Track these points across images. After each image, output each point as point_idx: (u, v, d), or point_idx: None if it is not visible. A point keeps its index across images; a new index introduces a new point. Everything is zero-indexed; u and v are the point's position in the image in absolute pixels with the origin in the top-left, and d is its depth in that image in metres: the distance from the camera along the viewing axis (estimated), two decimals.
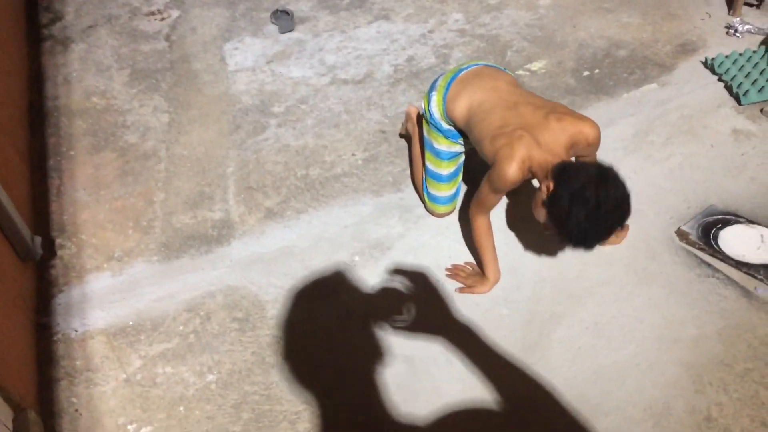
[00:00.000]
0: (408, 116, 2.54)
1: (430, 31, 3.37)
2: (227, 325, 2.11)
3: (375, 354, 2.00)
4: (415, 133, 2.46)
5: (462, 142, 2.23)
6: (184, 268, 2.30)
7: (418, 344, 2.01)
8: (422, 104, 2.26)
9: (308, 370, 1.98)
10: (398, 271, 2.24)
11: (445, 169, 2.29)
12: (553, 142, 1.88)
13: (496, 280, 2.15)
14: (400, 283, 2.20)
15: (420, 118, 2.37)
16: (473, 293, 2.14)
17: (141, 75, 3.15)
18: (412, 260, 2.27)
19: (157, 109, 2.96)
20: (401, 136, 2.75)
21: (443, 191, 2.34)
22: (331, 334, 2.06)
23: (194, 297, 2.20)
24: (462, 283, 2.17)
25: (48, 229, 2.43)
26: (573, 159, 1.98)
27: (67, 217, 2.48)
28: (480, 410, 1.85)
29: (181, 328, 2.11)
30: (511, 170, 1.86)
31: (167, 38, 3.40)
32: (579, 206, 1.72)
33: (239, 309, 2.15)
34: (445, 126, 2.19)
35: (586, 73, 3.02)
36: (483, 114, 2.01)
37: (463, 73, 2.17)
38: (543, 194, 1.84)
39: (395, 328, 2.05)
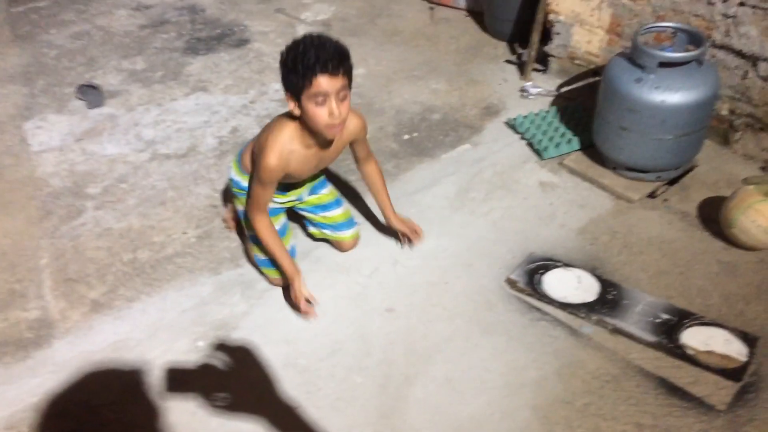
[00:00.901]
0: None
1: (252, 102, 3.37)
2: None
3: None
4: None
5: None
6: None
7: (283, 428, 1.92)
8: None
9: None
10: (247, 354, 2.14)
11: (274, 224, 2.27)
12: None
13: (296, 273, 2.16)
14: (251, 367, 2.10)
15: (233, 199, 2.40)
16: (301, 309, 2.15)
17: None
18: (260, 338, 2.18)
19: None
20: (226, 221, 2.66)
21: None
22: None
23: (13, 413, 1.91)
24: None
25: None
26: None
27: None
28: None
29: None
30: (270, 160, 1.97)
31: None
32: (299, 45, 1.84)
33: (70, 419, 1.91)
34: (245, 182, 2.23)
35: (406, 136, 3.19)
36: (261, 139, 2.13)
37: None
38: (293, 108, 1.93)
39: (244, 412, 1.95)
